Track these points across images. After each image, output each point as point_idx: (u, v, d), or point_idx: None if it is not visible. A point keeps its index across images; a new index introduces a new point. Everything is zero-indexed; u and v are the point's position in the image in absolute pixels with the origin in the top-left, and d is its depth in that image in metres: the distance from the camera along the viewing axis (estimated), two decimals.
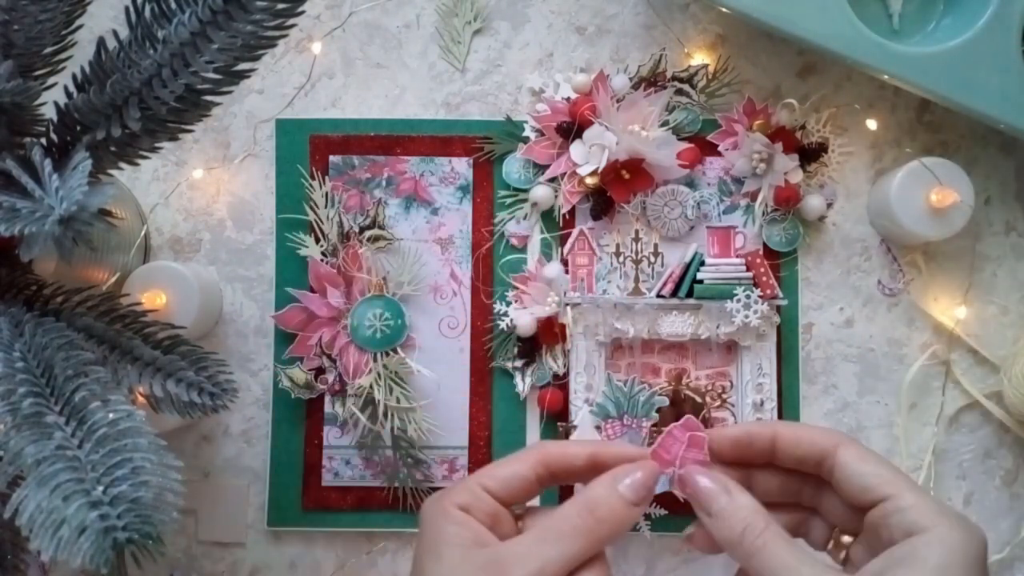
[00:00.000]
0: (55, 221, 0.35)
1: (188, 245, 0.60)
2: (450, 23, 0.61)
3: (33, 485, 0.34)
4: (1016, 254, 0.60)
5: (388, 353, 0.58)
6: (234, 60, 0.40)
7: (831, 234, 0.60)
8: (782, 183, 0.58)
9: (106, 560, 0.33)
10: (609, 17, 0.61)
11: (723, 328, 0.57)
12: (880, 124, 0.60)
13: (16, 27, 0.41)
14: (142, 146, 0.43)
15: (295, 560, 0.59)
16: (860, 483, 0.38)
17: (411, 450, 0.58)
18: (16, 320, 0.42)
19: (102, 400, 0.38)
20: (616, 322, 0.57)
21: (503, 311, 0.58)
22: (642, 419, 0.55)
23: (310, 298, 0.58)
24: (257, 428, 0.59)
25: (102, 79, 0.41)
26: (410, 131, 0.60)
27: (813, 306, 0.59)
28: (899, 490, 0.37)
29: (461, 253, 0.59)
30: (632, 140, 0.57)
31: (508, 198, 0.59)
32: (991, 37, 0.52)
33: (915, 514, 0.36)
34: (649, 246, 0.59)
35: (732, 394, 0.58)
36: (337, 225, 0.58)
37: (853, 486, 0.39)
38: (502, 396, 0.59)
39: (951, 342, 0.59)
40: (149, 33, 0.40)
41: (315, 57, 0.60)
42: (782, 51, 0.60)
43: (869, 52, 0.52)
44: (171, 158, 0.60)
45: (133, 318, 0.46)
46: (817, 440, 0.40)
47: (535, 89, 0.60)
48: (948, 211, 0.55)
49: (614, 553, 0.58)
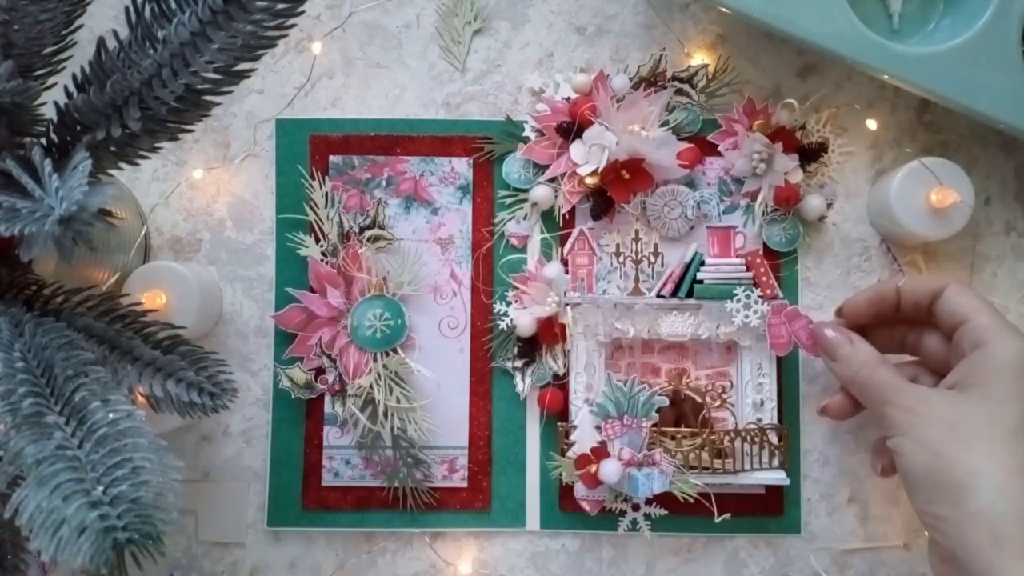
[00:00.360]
0: (55, 221, 0.35)
1: (188, 245, 0.60)
2: (450, 23, 0.61)
3: (33, 485, 0.34)
4: (1016, 254, 0.60)
5: (388, 353, 0.58)
6: (234, 60, 0.40)
7: (831, 234, 0.60)
8: (782, 183, 0.58)
9: (106, 560, 0.33)
10: (609, 17, 0.61)
11: (723, 328, 0.57)
12: (880, 124, 0.60)
13: (16, 27, 0.41)
14: (142, 146, 0.43)
15: (295, 560, 0.59)
16: (951, 309, 0.50)
17: (411, 450, 0.58)
18: (16, 320, 0.42)
19: (102, 400, 0.38)
20: (616, 322, 0.57)
21: (503, 311, 0.58)
22: (642, 419, 0.55)
23: (310, 298, 0.58)
24: (257, 428, 0.59)
25: (102, 79, 0.41)
26: (410, 131, 0.60)
27: (813, 306, 0.59)
28: (976, 313, 0.49)
29: (461, 253, 0.59)
30: (632, 140, 0.57)
31: (508, 198, 0.59)
32: (991, 37, 0.52)
33: (982, 331, 0.48)
34: (649, 246, 0.59)
35: (732, 394, 0.58)
36: (337, 225, 0.58)
37: (946, 312, 0.50)
38: (502, 396, 0.59)
39: None
40: (149, 33, 0.40)
41: (315, 57, 0.60)
42: (782, 51, 0.60)
43: (869, 52, 0.52)
44: (171, 158, 0.60)
45: (133, 318, 0.46)
46: (932, 282, 0.52)
47: (535, 89, 0.60)
48: (948, 211, 0.55)
49: (614, 553, 0.59)
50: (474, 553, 0.59)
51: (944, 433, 0.46)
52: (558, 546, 0.59)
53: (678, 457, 0.55)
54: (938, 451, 0.45)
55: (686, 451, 0.56)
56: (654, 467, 0.54)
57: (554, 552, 0.59)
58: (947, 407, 0.47)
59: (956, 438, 0.45)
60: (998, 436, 0.45)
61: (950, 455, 0.45)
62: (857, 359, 0.51)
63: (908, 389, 0.49)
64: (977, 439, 0.45)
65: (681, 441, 0.56)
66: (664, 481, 0.54)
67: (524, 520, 0.58)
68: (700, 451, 0.56)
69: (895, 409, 0.48)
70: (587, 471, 0.54)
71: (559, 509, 0.58)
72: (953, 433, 0.45)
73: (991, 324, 0.48)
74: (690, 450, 0.56)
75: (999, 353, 0.47)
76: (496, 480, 0.58)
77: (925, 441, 0.46)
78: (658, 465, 0.54)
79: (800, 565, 0.58)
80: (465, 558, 0.58)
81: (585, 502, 0.56)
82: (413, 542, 0.59)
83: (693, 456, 0.56)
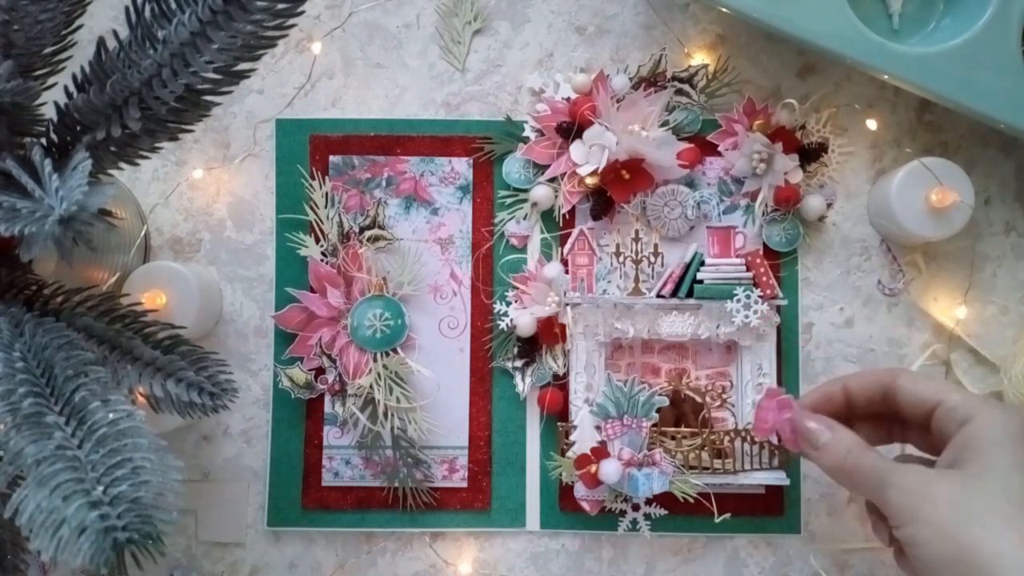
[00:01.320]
0: (55, 221, 0.35)
1: (188, 245, 0.60)
2: (450, 23, 0.61)
3: (33, 485, 0.34)
4: (1016, 254, 0.60)
5: (388, 353, 0.58)
6: (234, 60, 0.40)
7: (831, 234, 0.60)
8: (782, 183, 0.58)
9: (106, 560, 0.33)
10: (609, 17, 0.61)
11: (723, 328, 0.56)
12: (880, 124, 0.60)
13: (16, 27, 0.41)
14: (142, 146, 0.43)
15: (295, 560, 0.59)
16: (916, 399, 0.48)
17: (411, 450, 0.58)
18: (16, 320, 0.42)
19: (102, 400, 0.38)
20: (616, 322, 0.57)
21: (503, 311, 0.58)
22: (642, 419, 0.55)
23: (310, 298, 0.58)
24: (257, 428, 0.59)
25: (102, 79, 0.41)
26: (410, 131, 0.60)
27: (813, 306, 0.59)
28: (946, 394, 0.47)
29: (461, 253, 0.59)
30: (632, 140, 0.57)
31: (508, 198, 0.59)
32: (991, 37, 0.52)
33: (963, 408, 0.46)
34: (649, 246, 0.59)
35: (732, 394, 0.58)
36: (337, 225, 0.58)
37: (911, 403, 0.48)
38: (502, 396, 0.59)
39: (951, 342, 0.59)
40: (149, 33, 0.40)
41: (315, 57, 0.60)
42: (782, 51, 0.60)
43: (869, 52, 0.52)
44: (171, 158, 0.60)
45: (133, 318, 0.46)
46: (879, 377, 0.50)
47: (535, 89, 0.60)
48: (948, 211, 0.55)
49: (614, 553, 0.59)
50: (474, 553, 0.59)
51: (957, 515, 0.42)
52: (558, 546, 0.59)
53: (678, 457, 0.55)
54: (955, 536, 0.42)
55: (686, 451, 0.56)
56: (654, 467, 0.54)
57: (554, 552, 0.59)
58: (953, 485, 0.44)
59: (970, 519, 0.42)
60: (1011, 511, 0.42)
61: (968, 539, 0.42)
62: (841, 446, 0.48)
63: (906, 470, 0.45)
64: (991, 517, 0.42)
65: (681, 441, 0.56)
66: (664, 481, 0.54)
67: (524, 520, 0.58)
68: (700, 451, 0.56)
69: (896, 492, 0.45)
70: (587, 471, 0.54)
71: (559, 509, 0.58)
72: (966, 514, 0.42)
73: (967, 400, 0.46)
74: (690, 450, 0.56)
75: (990, 426, 0.45)
76: (496, 480, 0.58)
77: (940, 526, 0.43)
78: (658, 465, 0.54)
79: (800, 565, 0.58)
80: (465, 558, 0.58)
81: (585, 502, 0.56)
82: (413, 542, 0.59)
83: (693, 456, 0.56)
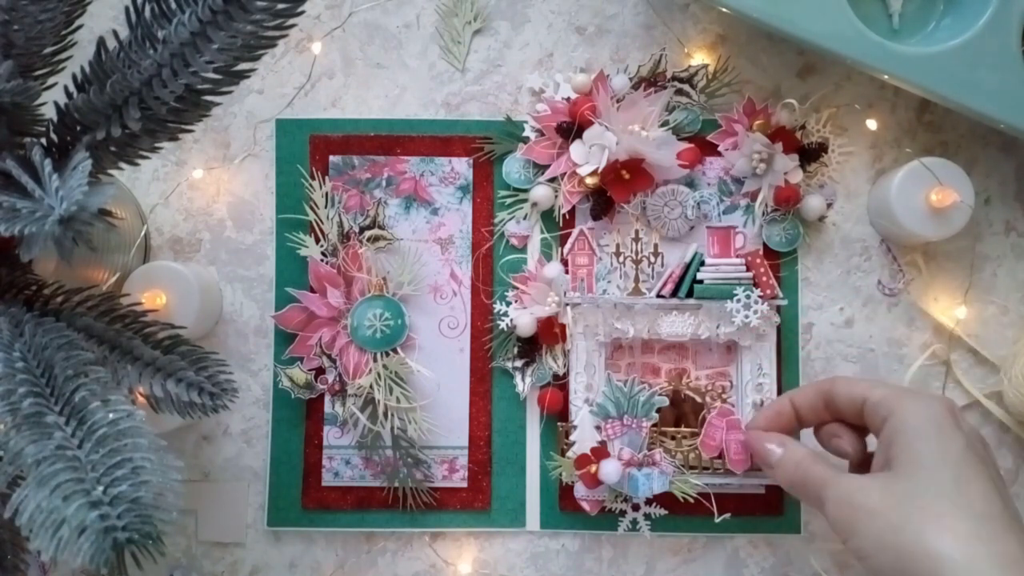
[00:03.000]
0: (55, 221, 0.35)
1: (188, 245, 0.60)
2: (450, 23, 0.61)
3: (33, 485, 0.34)
4: (1016, 254, 0.60)
5: (388, 353, 0.58)
6: (234, 60, 0.40)
7: (831, 234, 0.60)
8: (782, 183, 0.58)
9: (106, 560, 0.33)
10: (609, 17, 0.61)
11: (723, 328, 0.56)
12: (880, 124, 0.60)
13: (16, 27, 0.41)
14: (142, 146, 0.43)
15: (295, 560, 0.59)
16: (849, 400, 0.48)
17: (411, 450, 0.58)
18: (16, 320, 0.42)
19: (102, 400, 0.38)
20: (616, 322, 0.57)
21: (503, 311, 0.58)
22: (642, 419, 0.55)
23: (310, 298, 0.58)
24: (257, 428, 0.59)
25: (102, 79, 0.41)
26: (410, 131, 0.60)
27: (813, 306, 0.59)
28: (869, 391, 0.47)
29: (461, 253, 0.59)
30: (632, 140, 0.57)
31: (508, 198, 0.59)
32: (991, 37, 0.52)
33: (884, 403, 0.46)
34: (649, 246, 0.59)
35: (732, 394, 0.58)
36: (337, 225, 0.58)
37: (847, 407, 0.49)
38: (502, 396, 0.59)
39: (951, 342, 0.59)
40: (149, 33, 0.40)
41: (315, 57, 0.60)
42: (782, 51, 0.60)
43: (869, 52, 0.52)
44: (171, 158, 0.60)
45: (133, 318, 0.46)
46: (819, 386, 0.51)
47: (535, 89, 0.60)
48: (948, 211, 0.55)
49: (614, 553, 0.58)
50: (474, 553, 0.59)
51: (891, 522, 0.42)
52: (558, 546, 0.59)
53: (678, 457, 0.55)
54: (893, 545, 0.41)
55: (686, 451, 0.56)
56: (654, 467, 0.54)
57: (554, 552, 0.59)
58: (884, 492, 0.43)
59: (905, 525, 0.41)
60: (941, 509, 0.41)
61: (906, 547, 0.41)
62: (792, 459, 0.48)
63: (839, 481, 0.45)
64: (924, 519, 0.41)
65: (681, 441, 0.56)
66: (664, 481, 0.54)
67: (524, 520, 0.58)
68: (700, 451, 0.56)
69: (832, 506, 0.44)
70: (587, 471, 0.54)
71: (559, 509, 0.58)
72: (901, 520, 0.41)
73: (888, 393, 0.46)
74: (690, 450, 0.56)
75: (910, 417, 0.44)
76: (496, 480, 0.58)
77: (876, 537, 0.42)
78: (658, 465, 0.54)
79: (800, 565, 0.58)
80: (465, 558, 0.58)
81: (585, 502, 0.56)
82: (413, 542, 0.59)
83: (693, 456, 0.56)
